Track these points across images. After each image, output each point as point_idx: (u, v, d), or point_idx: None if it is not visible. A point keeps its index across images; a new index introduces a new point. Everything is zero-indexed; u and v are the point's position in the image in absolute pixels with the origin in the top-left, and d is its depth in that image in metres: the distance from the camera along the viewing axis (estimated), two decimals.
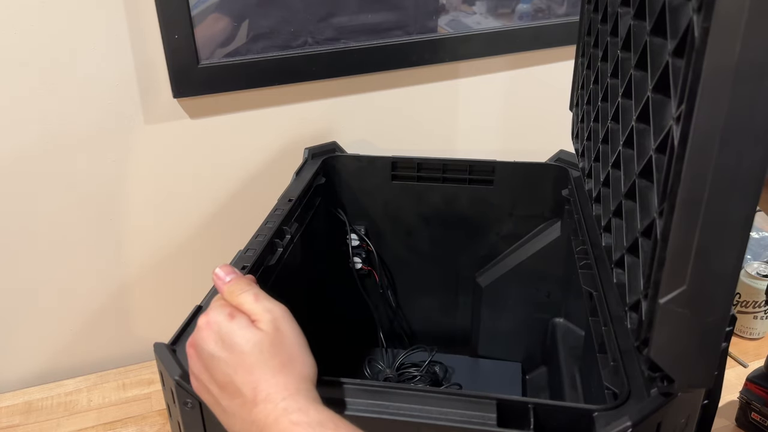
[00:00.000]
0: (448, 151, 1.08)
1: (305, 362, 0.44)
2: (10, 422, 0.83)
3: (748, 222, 0.34)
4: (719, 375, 0.52)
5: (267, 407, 0.40)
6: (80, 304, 0.92)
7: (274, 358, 0.42)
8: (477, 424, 0.43)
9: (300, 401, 0.40)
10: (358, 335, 0.96)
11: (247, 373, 0.41)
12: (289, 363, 0.42)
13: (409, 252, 0.91)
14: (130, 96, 0.83)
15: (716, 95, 0.32)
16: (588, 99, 0.69)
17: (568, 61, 0.84)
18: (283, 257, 0.70)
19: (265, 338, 0.42)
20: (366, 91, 0.97)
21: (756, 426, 0.77)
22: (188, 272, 0.96)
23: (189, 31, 0.81)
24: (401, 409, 0.45)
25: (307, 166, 0.85)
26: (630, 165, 0.48)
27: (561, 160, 0.85)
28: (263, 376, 0.41)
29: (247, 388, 0.41)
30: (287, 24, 0.87)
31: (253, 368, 0.41)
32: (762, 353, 0.90)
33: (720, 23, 0.31)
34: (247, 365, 0.42)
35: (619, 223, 0.51)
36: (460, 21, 0.98)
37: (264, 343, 0.42)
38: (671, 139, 0.37)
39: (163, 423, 0.83)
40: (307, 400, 0.40)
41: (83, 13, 0.77)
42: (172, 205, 0.92)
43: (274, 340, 0.43)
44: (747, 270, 0.93)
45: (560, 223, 0.84)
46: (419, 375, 0.89)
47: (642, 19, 0.48)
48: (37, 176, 0.82)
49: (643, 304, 0.42)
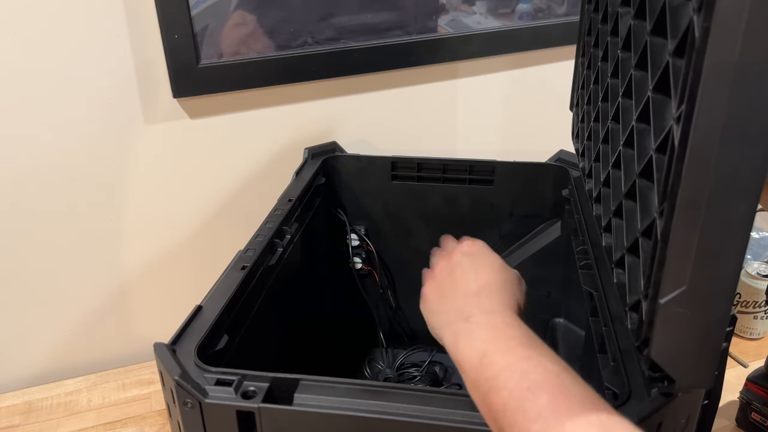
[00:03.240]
0: (448, 151, 1.08)
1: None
2: (10, 422, 0.83)
3: (749, 222, 0.34)
4: (719, 375, 0.52)
5: (485, 301, 0.48)
6: (80, 304, 0.92)
7: (505, 284, 0.51)
8: (477, 424, 0.43)
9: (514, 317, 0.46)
10: (358, 335, 0.96)
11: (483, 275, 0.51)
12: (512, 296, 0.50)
13: (409, 252, 0.91)
14: (130, 96, 0.83)
15: (716, 95, 0.32)
16: (588, 99, 0.69)
17: (568, 61, 0.84)
18: (283, 257, 0.70)
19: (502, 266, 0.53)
20: (366, 91, 0.97)
21: (756, 426, 0.77)
22: (188, 272, 0.96)
23: (189, 31, 0.81)
24: (401, 409, 0.45)
25: (307, 166, 0.85)
26: (630, 165, 0.48)
27: (561, 160, 0.85)
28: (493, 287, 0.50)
29: (477, 285, 0.50)
30: (287, 24, 0.87)
31: (488, 275, 0.51)
32: (762, 353, 0.90)
33: (720, 23, 0.30)
34: (485, 270, 0.52)
35: (619, 223, 0.51)
36: (460, 21, 0.98)
37: (498, 267, 0.53)
38: (671, 139, 0.37)
39: (163, 423, 0.83)
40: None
41: (83, 13, 0.77)
42: (172, 204, 0.92)
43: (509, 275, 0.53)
44: (747, 270, 0.93)
45: (560, 223, 0.84)
46: (419, 375, 0.89)
47: (642, 19, 0.48)
48: (36, 176, 0.82)
49: (643, 304, 0.42)
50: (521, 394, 0.37)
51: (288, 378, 0.47)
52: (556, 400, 0.36)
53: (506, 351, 0.41)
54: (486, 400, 0.40)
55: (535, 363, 0.39)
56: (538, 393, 0.37)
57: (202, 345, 0.51)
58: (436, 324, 0.50)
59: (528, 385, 0.37)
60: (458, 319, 0.47)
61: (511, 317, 0.46)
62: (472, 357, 0.42)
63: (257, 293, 0.64)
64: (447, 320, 0.48)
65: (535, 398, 0.36)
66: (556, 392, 0.36)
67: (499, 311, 0.47)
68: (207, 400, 0.46)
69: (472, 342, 0.43)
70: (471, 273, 0.52)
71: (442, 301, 0.51)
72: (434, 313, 0.51)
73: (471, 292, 0.49)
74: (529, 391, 0.37)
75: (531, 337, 0.43)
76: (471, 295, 0.49)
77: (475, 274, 0.52)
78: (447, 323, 0.48)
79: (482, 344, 0.43)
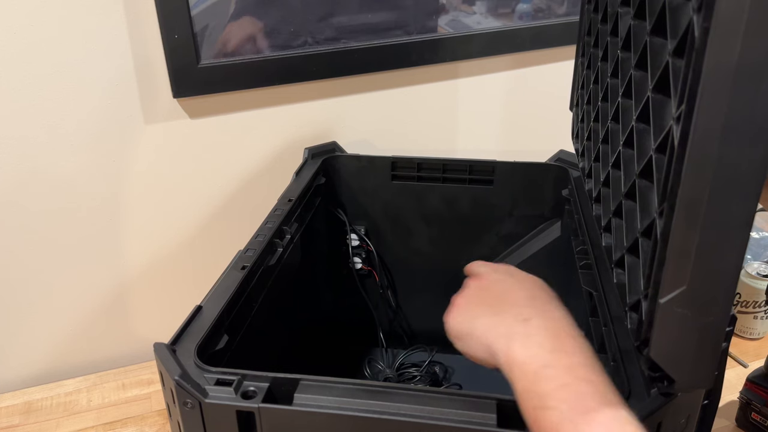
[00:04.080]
0: (448, 151, 1.08)
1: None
2: (10, 422, 0.83)
3: (749, 222, 0.34)
4: (719, 375, 0.52)
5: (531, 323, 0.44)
6: (80, 304, 0.92)
7: (553, 296, 0.49)
8: (477, 424, 0.43)
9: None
10: (358, 335, 0.96)
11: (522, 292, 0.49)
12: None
13: (409, 252, 0.91)
14: (130, 96, 0.83)
15: (716, 95, 0.32)
16: (588, 99, 0.69)
17: (568, 61, 0.84)
18: (283, 257, 0.70)
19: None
20: (366, 91, 0.97)
21: (756, 426, 0.77)
22: (188, 272, 0.96)
23: (189, 31, 0.81)
24: (401, 409, 0.45)
25: (307, 166, 0.85)
26: (630, 165, 0.48)
27: (561, 160, 0.85)
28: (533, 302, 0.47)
29: (528, 294, 0.48)
30: (287, 24, 0.87)
31: (534, 288, 0.50)
32: (762, 353, 0.90)
33: (720, 23, 0.31)
34: (530, 283, 0.50)
35: (619, 223, 0.51)
36: (460, 21, 0.98)
37: (541, 283, 0.51)
38: (671, 139, 0.37)
39: (163, 423, 0.83)
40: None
41: (83, 12, 0.77)
42: (171, 204, 0.92)
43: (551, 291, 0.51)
44: (747, 270, 0.93)
45: (560, 223, 0.84)
46: (419, 375, 0.89)
47: (642, 19, 0.48)
48: (36, 175, 0.82)
49: (643, 304, 0.42)
50: (574, 419, 0.36)
51: (288, 378, 0.47)
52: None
53: (567, 369, 0.39)
54: (535, 415, 0.38)
55: (593, 388, 0.38)
56: (592, 423, 0.36)
57: (202, 345, 0.51)
58: (480, 329, 0.46)
59: (583, 409, 0.36)
60: (515, 321, 0.44)
61: (571, 327, 0.44)
62: (529, 365, 0.40)
63: (257, 293, 0.64)
64: (500, 323, 0.45)
65: (589, 428, 0.35)
66: (613, 425, 0.36)
67: (559, 318, 0.44)
68: (207, 400, 0.46)
69: (530, 347, 0.41)
70: (516, 285, 0.50)
71: (491, 309, 0.47)
72: (477, 319, 0.48)
73: (523, 300, 0.47)
74: (584, 419, 0.36)
75: (588, 352, 0.41)
76: (525, 301, 0.47)
77: (521, 285, 0.50)
78: (499, 325, 0.45)
79: (542, 352, 0.41)
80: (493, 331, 0.45)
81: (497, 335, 0.44)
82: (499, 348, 0.44)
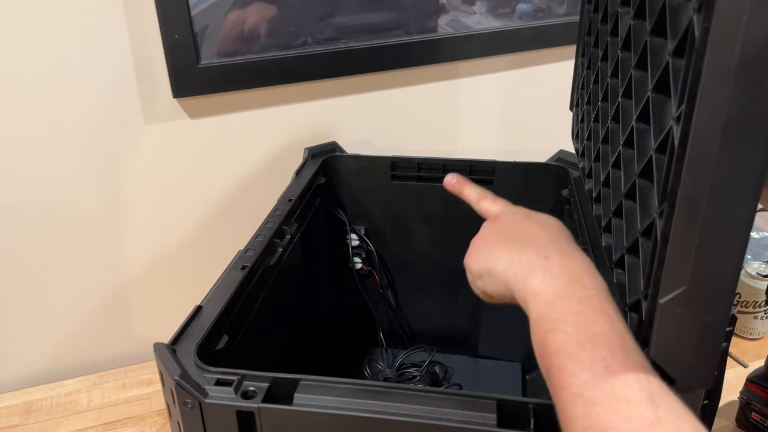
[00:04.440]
0: (448, 151, 1.08)
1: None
2: (10, 422, 0.83)
3: (749, 222, 0.34)
4: (719, 375, 0.52)
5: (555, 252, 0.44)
6: (80, 304, 0.92)
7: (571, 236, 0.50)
8: (477, 424, 0.43)
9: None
10: (358, 335, 0.96)
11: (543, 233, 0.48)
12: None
13: (409, 252, 0.91)
14: (130, 96, 0.83)
15: (716, 95, 0.32)
16: (588, 99, 0.69)
17: (568, 61, 0.84)
18: (283, 257, 0.70)
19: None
20: (366, 91, 0.97)
21: (756, 426, 0.77)
22: (188, 272, 0.96)
23: (189, 31, 0.81)
24: (401, 409, 0.45)
25: (307, 166, 0.85)
26: (630, 165, 0.48)
27: (561, 160, 0.85)
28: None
29: (549, 235, 0.48)
30: (287, 24, 0.87)
31: (554, 228, 0.50)
32: (762, 353, 0.90)
33: (720, 23, 0.30)
34: (549, 223, 0.51)
35: (619, 223, 0.51)
36: (460, 21, 0.98)
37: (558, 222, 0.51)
38: (671, 139, 0.37)
39: (163, 423, 0.83)
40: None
41: (83, 12, 0.77)
42: (171, 204, 0.92)
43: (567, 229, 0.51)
44: (747, 270, 0.93)
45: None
46: (419, 375, 0.89)
47: (642, 19, 0.48)
48: (36, 176, 0.82)
49: (643, 304, 0.42)
50: (581, 342, 0.36)
51: (288, 378, 0.47)
52: (613, 359, 0.35)
53: (580, 298, 0.39)
54: (544, 338, 0.39)
55: (604, 317, 0.38)
56: (598, 346, 0.36)
57: (202, 345, 0.51)
58: (501, 266, 0.46)
59: (591, 335, 0.37)
60: (536, 257, 0.44)
61: (590, 265, 0.44)
62: (545, 294, 0.41)
63: (257, 293, 0.64)
64: (519, 260, 0.45)
65: (594, 350, 0.36)
66: (616, 351, 0.36)
67: (579, 258, 0.44)
68: (207, 400, 0.46)
69: (548, 279, 0.42)
70: (536, 226, 0.49)
71: (510, 246, 0.47)
72: (497, 257, 0.47)
73: (545, 240, 0.47)
74: (590, 341, 0.36)
75: (606, 291, 0.41)
76: (546, 242, 0.46)
77: (540, 225, 0.49)
78: (519, 262, 0.45)
79: (558, 284, 0.41)
80: (513, 267, 0.45)
81: (516, 271, 0.44)
82: (517, 281, 0.44)
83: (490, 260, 0.48)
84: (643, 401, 0.33)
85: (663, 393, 0.34)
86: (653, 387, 0.34)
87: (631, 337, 0.37)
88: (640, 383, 0.34)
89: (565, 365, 0.36)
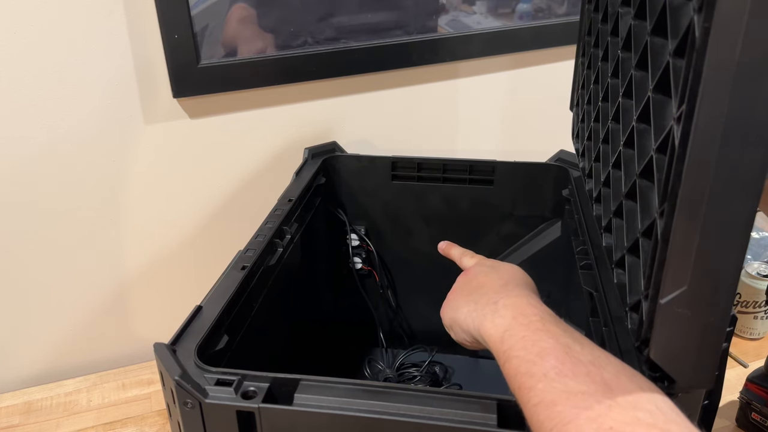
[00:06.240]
0: (448, 151, 1.08)
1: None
2: (10, 422, 0.83)
3: (749, 222, 0.34)
4: (719, 375, 0.52)
5: (512, 293, 0.50)
6: (80, 304, 0.92)
7: (525, 278, 0.56)
8: (477, 424, 0.43)
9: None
10: (358, 335, 0.96)
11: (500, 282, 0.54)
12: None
13: (409, 252, 0.91)
14: (130, 96, 0.83)
15: (717, 95, 0.32)
16: (588, 99, 0.69)
17: (568, 61, 0.84)
18: (283, 257, 0.70)
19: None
20: (366, 91, 0.97)
21: (756, 426, 0.77)
22: (188, 272, 0.96)
23: (189, 31, 0.81)
24: (401, 410, 0.45)
25: (307, 166, 0.85)
26: (630, 165, 0.48)
27: (561, 160, 0.85)
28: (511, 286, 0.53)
29: (501, 282, 0.53)
30: (287, 24, 0.87)
31: (508, 273, 0.55)
32: (762, 353, 0.90)
33: (720, 23, 0.30)
34: (505, 270, 0.56)
35: (619, 223, 0.51)
36: (460, 21, 0.98)
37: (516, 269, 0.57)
38: (672, 139, 0.37)
39: (163, 423, 0.83)
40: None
41: (83, 13, 0.77)
42: (171, 204, 0.92)
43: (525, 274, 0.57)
44: (747, 270, 0.93)
45: (560, 223, 0.84)
46: (419, 375, 0.89)
47: (642, 19, 0.48)
48: (36, 176, 0.82)
49: (643, 305, 0.42)
50: (531, 359, 0.40)
51: (288, 378, 0.47)
52: (562, 365, 0.38)
53: (524, 325, 0.44)
54: (504, 369, 0.42)
55: (548, 334, 0.42)
56: (546, 358, 0.39)
57: (202, 345, 0.51)
58: (461, 317, 0.52)
59: (538, 351, 0.40)
60: (487, 303, 0.50)
61: (534, 299, 0.49)
62: (496, 333, 0.45)
63: (257, 293, 0.64)
64: (475, 309, 0.50)
65: (543, 362, 0.39)
66: (564, 358, 0.38)
67: (525, 295, 0.49)
68: (207, 400, 0.46)
69: (497, 320, 0.47)
70: (493, 274, 0.55)
71: (469, 298, 0.53)
72: (459, 309, 0.53)
73: (496, 287, 0.52)
74: (538, 355, 0.40)
75: (549, 314, 0.46)
76: (497, 288, 0.52)
77: (497, 274, 0.55)
78: (474, 311, 0.50)
79: (504, 321, 0.46)
80: (470, 316, 0.50)
81: (474, 319, 0.50)
82: (476, 327, 0.49)
83: (454, 312, 0.54)
84: (598, 391, 0.35)
85: (618, 379, 0.36)
86: (606, 376, 0.36)
87: (578, 345, 0.40)
88: (592, 377, 0.36)
89: (524, 383, 0.39)
